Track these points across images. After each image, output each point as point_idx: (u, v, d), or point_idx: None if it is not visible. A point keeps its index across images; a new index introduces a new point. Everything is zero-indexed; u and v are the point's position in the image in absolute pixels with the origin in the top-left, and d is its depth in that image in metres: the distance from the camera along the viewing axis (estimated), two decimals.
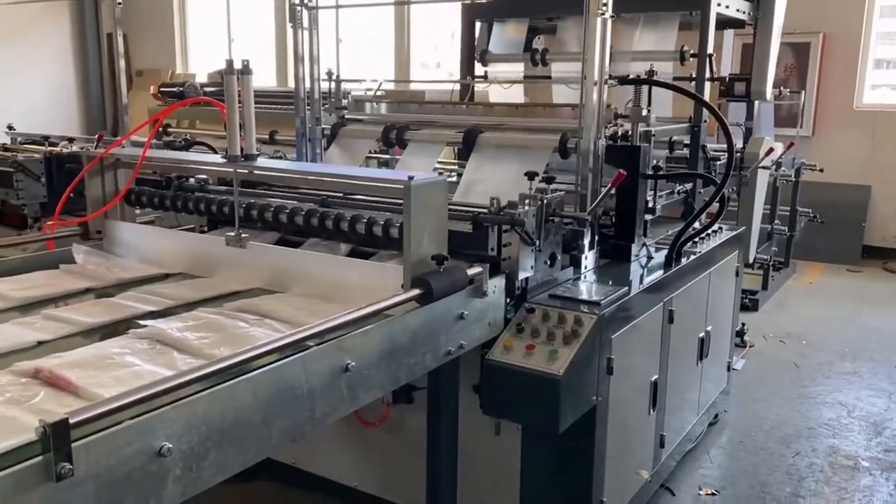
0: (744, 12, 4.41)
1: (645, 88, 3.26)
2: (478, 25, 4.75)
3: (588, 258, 3.03)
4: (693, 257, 3.42)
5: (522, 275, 2.59)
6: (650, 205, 3.30)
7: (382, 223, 2.55)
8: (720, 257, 3.80)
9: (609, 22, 2.90)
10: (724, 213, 3.46)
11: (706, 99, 3.89)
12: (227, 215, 2.89)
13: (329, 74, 4.07)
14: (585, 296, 2.73)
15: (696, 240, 3.54)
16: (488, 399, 2.56)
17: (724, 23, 4.45)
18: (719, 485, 3.66)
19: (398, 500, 3.13)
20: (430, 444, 2.75)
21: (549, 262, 2.74)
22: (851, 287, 7.36)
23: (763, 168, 4.97)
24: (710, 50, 3.93)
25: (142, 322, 2.15)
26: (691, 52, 3.98)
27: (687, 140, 3.90)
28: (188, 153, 4.43)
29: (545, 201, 2.60)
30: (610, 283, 2.84)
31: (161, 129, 5.32)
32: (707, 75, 3.94)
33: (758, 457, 3.93)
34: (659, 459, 3.36)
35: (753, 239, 5.48)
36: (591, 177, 2.98)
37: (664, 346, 3.20)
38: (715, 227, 3.76)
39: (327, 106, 4.04)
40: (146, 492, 1.46)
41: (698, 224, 3.46)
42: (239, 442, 1.65)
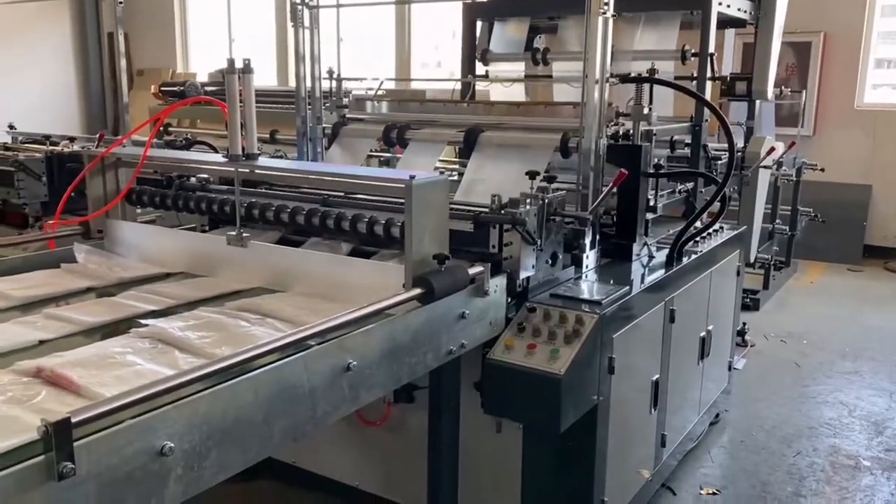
0: (745, 11, 4.41)
1: (646, 87, 3.26)
2: (479, 25, 4.75)
3: (589, 257, 3.03)
4: (694, 257, 3.41)
5: (524, 274, 2.59)
6: (651, 203, 3.30)
7: (384, 222, 2.55)
8: (721, 257, 3.80)
9: (610, 21, 2.90)
10: (726, 213, 3.46)
11: (707, 98, 3.89)
12: (229, 214, 2.90)
13: (330, 73, 4.07)
14: (587, 295, 2.73)
15: (698, 239, 3.54)
16: (489, 398, 2.56)
17: (726, 22, 4.45)
18: (720, 484, 3.66)
19: (399, 500, 3.13)
20: (432, 444, 2.74)
21: (551, 262, 2.74)
22: (852, 286, 7.36)
23: (764, 167, 4.97)
24: (712, 49, 3.93)
25: (143, 321, 2.15)
26: (692, 52, 3.98)
27: (688, 139, 3.91)
28: (189, 152, 4.43)
29: (546, 200, 2.60)
30: (611, 283, 2.84)
31: (162, 129, 5.32)
32: (708, 74, 3.94)
33: (759, 456, 3.93)
34: (660, 459, 3.36)
35: (754, 238, 5.48)
36: (593, 176, 2.98)
37: (665, 346, 3.20)
38: (716, 227, 3.76)
39: (328, 105, 4.04)
40: (148, 491, 1.46)
41: (699, 223, 3.46)
42: (240, 441, 1.65)
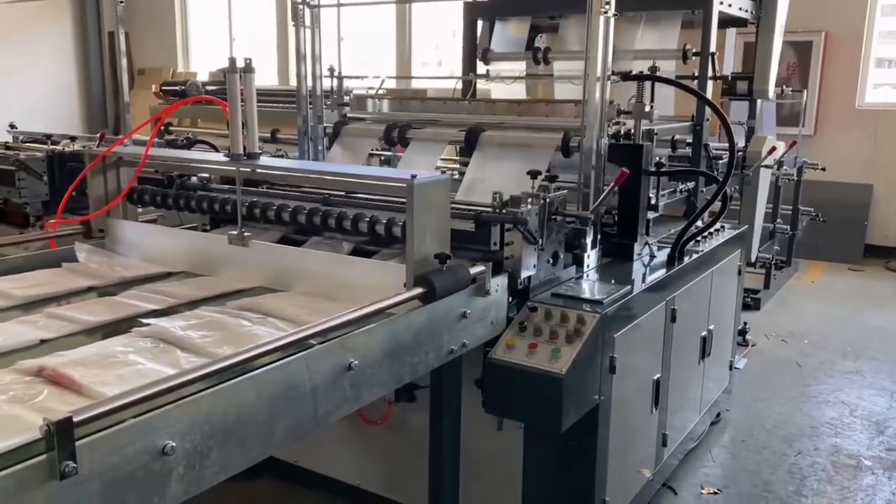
0: (746, 11, 4.41)
1: (648, 85, 3.26)
2: (480, 24, 4.75)
3: (590, 257, 3.03)
4: (695, 256, 3.41)
5: (525, 273, 2.59)
6: (653, 201, 3.30)
7: (385, 222, 2.55)
8: (722, 256, 3.79)
9: (612, 20, 2.89)
10: (727, 212, 3.46)
11: (708, 97, 3.88)
12: (230, 214, 2.90)
13: (331, 71, 4.06)
14: (588, 294, 2.72)
15: (699, 238, 3.54)
16: (491, 398, 2.56)
17: (727, 21, 4.45)
18: (721, 484, 3.66)
19: (400, 499, 3.13)
20: (433, 443, 2.74)
21: (552, 261, 2.73)
22: (853, 286, 7.35)
23: (765, 167, 4.97)
24: (713, 48, 3.93)
25: (145, 321, 2.15)
26: (694, 51, 3.97)
27: (689, 139, 3.90)
28: (190, 152, 4.43)
29: (548, 200, 2.60)
30: (612, 282, 2.84)
31: (163, 128, 5.32)
32: (709, 74, 3.94)
33: (760, 456, 3.93)
34: (661, 458, 3.36)
35: (756, 238, 5.48)
36: (594, 175, 2.98)
37: (666, 345, 3.20)
38: (717, 226, 3.75)
39: (329, 103, 4.04)
40: (150, 490, 1.46)
41: (700, 223, 3.46)
42: (242, 440, 1.65)
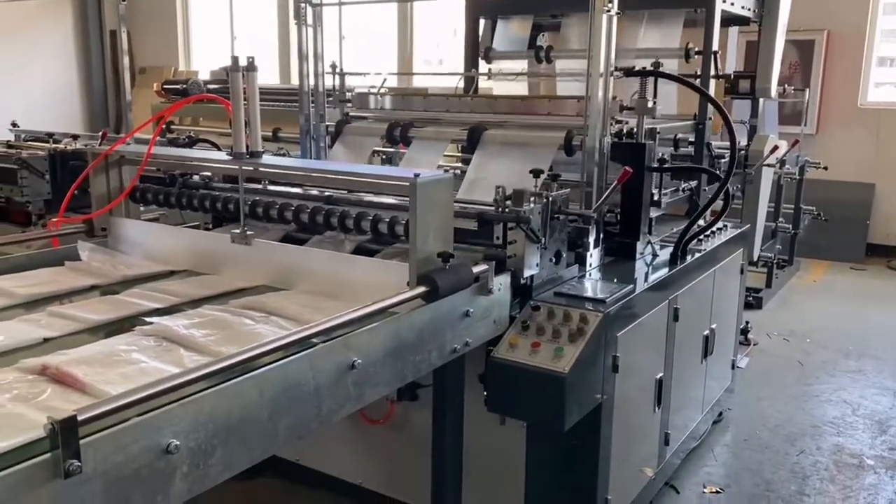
0: (749, 9, 4.41)
1: (651, 81, 3.25)
2: (482, 23, 4.75)
3: (593, 256, 3.03)
4: (698, 255, 3.41)
5: (528, 272, 2.59)
6: (655, 198, 3.29)
7: (388, 220, 2.55)
8: (725, 255, 3.79)
9: (615, 19, 2.89)
10: (729, 211, 3.46)
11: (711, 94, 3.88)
12: (232, 212, 2.90)
13: (333, 67, 4.05)
14: (591, 293, 2.72)
15: (701, 237, 3.54)
16: (493, 397, 2.56)
17: (729, 20, 4.44)
18: (724, 483, 3.66)
19: (403, 498, 3.13)
20: (435, 442, 2.74)
21: (555, 260, 2.73)
22: (855, 285, 7.35)
23: (767, 166, 4.97)
24: (716, 47, 3.92)
25: (147, 319, 2.15)
26: (696, 50, 3.96)
27: (691, 137, 3.90)
28: (193, 150, 4.43)
29: (551, 199, 2.60)
30: (615, 281, 2.84)
31: (164, 127, 5.32)
32: (712, 73, 3.94)
33: (762, 455, 3.93)
34: (663, 457, 3.36)
35: (758, 237, 5.49)
36: (597, 174, 2.97)
37: (669, 344, 3.20)
38: (719, 225, 3.75)
39: (331, 99, 4.03)
40: (154, 489, 1.46)
41: (703, 221, 3.45)
42: (245, 439, 1.65)
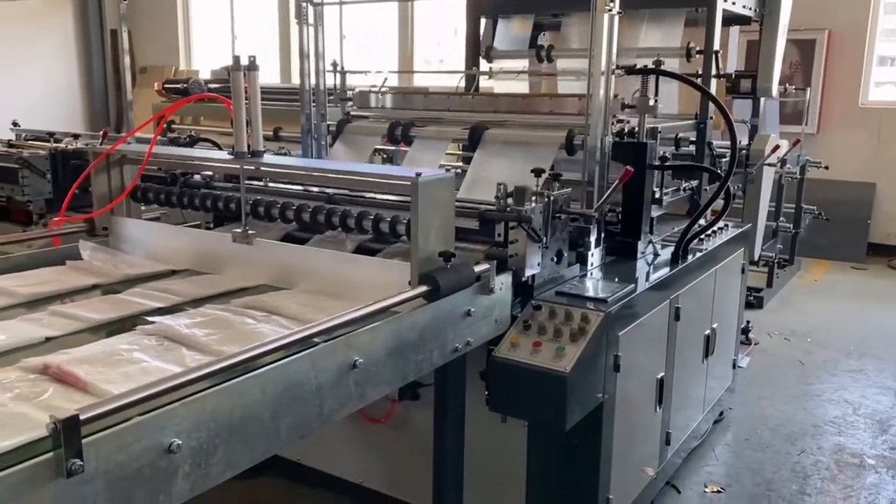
0: (750, 9, 4.40)
1: (652, 79, 3.25)
2: (483, 22, 4.75)
3: (594, 255, 3.03)
4: (699, 254, 3.41)
5: (529, 272, 2.58)
6: (657, 196, 3.29)
7: (389, 220, 2.55)
8: (726, 254, 3.79)
9: (616, 18, 2.89)
10: (730, 211, 3.46)
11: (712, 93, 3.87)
12: (234, 212, 2.90)
13: (334, 65, 4.05)
14: (592, 293, 2.72)
15: (702, 237, 3.54)
16: (495, 396, 2.55)
17: (730, 19, 4.43)
18: (725, 482, 3.66)
19: (404, 497, 3.13)
20: (437, 441, 2.74)
21: (556, 259, 2.73)
22: (856, 284, 7.35)
23: (768, 165, 4.97)
24: (717, 46, 3.92)
25: (149, 318, 2.15)
26: (697, 49, 3.96)
27: (693, 137, 3.90)
28: (194, 149, 4.43)
29: (552, 198, 2.60)
30: (616, 281, 2.84)
31: (165, 126, 5.32)
32: (713, 72, 3.93)
33: (763, 454, 3.93)
34: (665, 457, 3.35)
35: (759, 236, 5.48)
36: (598, 173, 2.97)
37: (670, 344, 3.20)
38: (721, 224, 3.75)
39: (332, 97, 4.03)
40: (156, 488, 1.46)
41: (704, 221, 3.45)
42: (247, 439, 1.65)
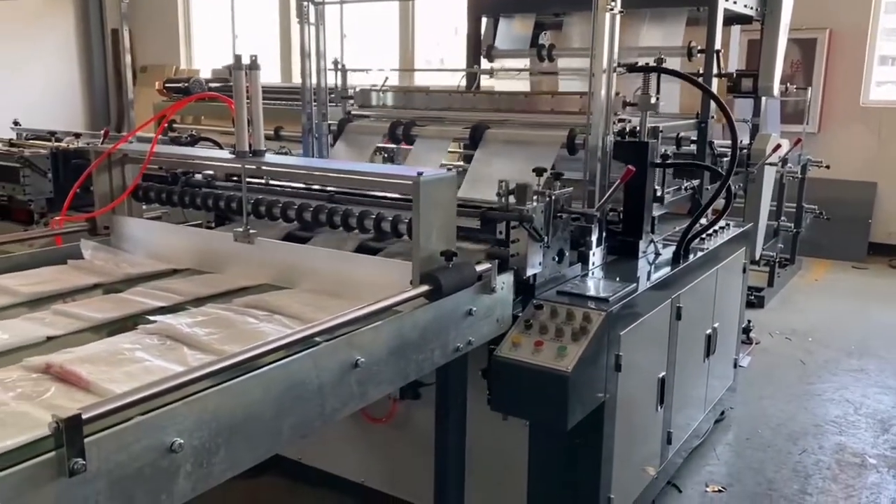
0: (751, 8, 4.40)
1: (654, 77, 3.24)
2: (484, 21, 4.75)
3: (596, 255, 3.03)
4: (700, 254, 3.41)
5: (531, 271, 2.58)
6: (658, 194, 3.29)
7: (391, 219, 2.54)
8: (727, 254, 3.79)
9: (618, 17, 2.89)
10: (731, 210, 3.46)
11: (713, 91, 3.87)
12: (235, 211, 2.90)
13: (335, 63, 4.05)
14: (593, 292, 2.72)
15: (704, 236, 3.53)
16: (496, 395, 2.55)
17: (732, 18, 4.44)
18: (726, 482, 3.66)
19: (405, 496, 3.13)
20: (438, 440, 2.74)
21: (557, 259, 2.73)
22: (857, 284, 7.34)
23: (770, 164, 4.97)
24: (718, 46, 3.92)
25: (151, 318, 2.15)
26: (699, 48, 3.96)
27: (694, 136, 3.90)
28: (195, 149, 4.43)
29: (553, 197, 2.59)
30: (618, 280, 2.84)
31: (166, 125, 5.31)
32: (714, 71, 3.93)
33: (764, 454, 3.93)
34: (666, 456, 3.35)
35: (760, 235, 5.48)
36: (600, 173, 2.97)
37: (672, 343, 3.20)
38: (722, 224, 3.75)
39: (333, 96, 4.03)
40: (158, 487, 1.45)
41: (705, 220, 3.45)
42: (249, 438, 1.65)
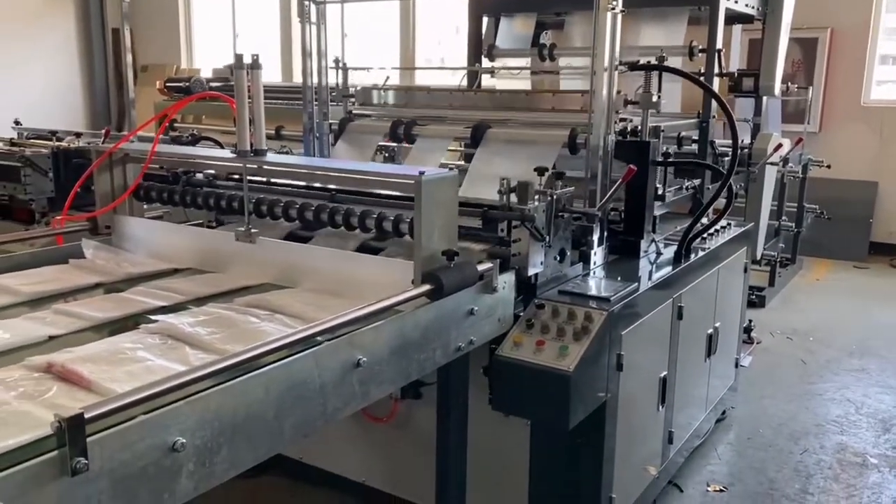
0: (752, 7, 4.40)
1: (655, 75, 3.24)
2: (485, 20, 4.75)
3: (597, 254, 3.02)
4: (702, 253, 3.41)
5: (532, 270, 2.58)
6: (660, 192, 3.29)
7: (392, 218, 2.54)
8: (729, 253, 3.79)
9: (619, 17, 2.88)
10: (732, 209, 3.45)
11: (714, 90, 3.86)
12: (236, 210, 2.90)
13: (336, 62, 4.05)
14: (595, 292, 2.72)
15: (705, 236, 3.53)
16: (498, 395, 2.56)
17: (733, 18, 4.44)
18: (727, 481, 3.66)
19: (407, 496, 3.13)
20: (439, 440, 2.74)
21: (559, 258, 2.73)
22: (858, 284, 7.34)
23: (771, 164, 4.96)
24: (719, 45, 3.92)
25: (152, 317, 2.15)
26: (700, 48, 3.96)
27: (695, 136, 3.89)
28: (197, 148, 4.42)
29: (555, 197, 2.59)
30: (619, 280, 2.84)
31: (168, 125, 5.31)
32: (716, 70, 3.93)
33: (766, 453, 3.92)
34: (667, 456, 3.35)
35: (761, 235, 5.47)
36: (601, 172, 2.97)
37: (673, 343, 3.20)
38: (723, 223, 3.75)
39: (335, 94, 4.03)
40: (160, 486, 1.46)
41: (706, 219, 3.45)
42: (251, 437, 1.65)
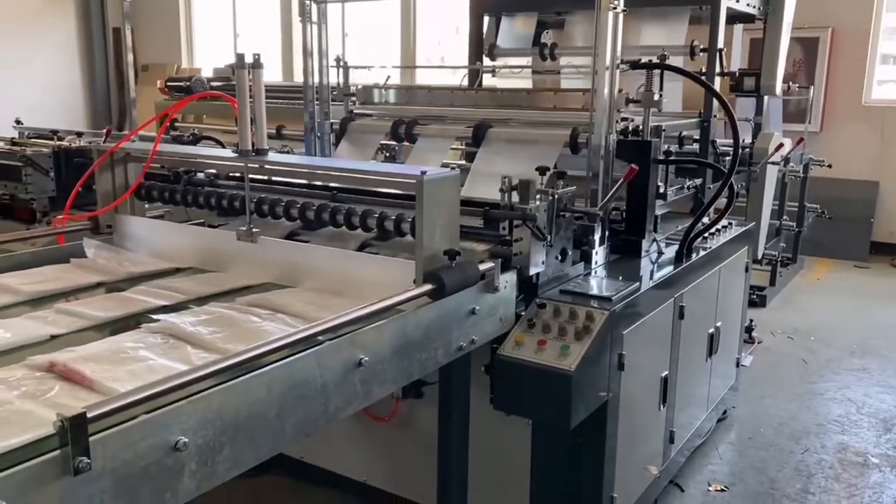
0: (754, 7, 4.40)
1: (656, 74, 3.24)
2: (486, 20, 4.74)
3: (599, 254, 3.02)
4: (703, 253, 3.41)
5: (534, 270, 2.58)
6: (661, 190, 3.29)
7: (394, 218, 2.54)
8: (730, 253, 3.79)
9: (620, 16, 2.88)
10: (733, 209, 3.45)
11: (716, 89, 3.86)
12: (238, 210, 2.90)
13: (337, 61, 4.05)
14: (596, 291, 2.72)
15: (706, 235, 3.53)
16: (499, 395, 2.55)
17: (734, 17, 4.43)
18: (728, 481, 3.66)
19: (408, 495, 3.13)
20: (441, 439, 2.74)
21: (560, 258, 2.73)
22: (859, 283, 7.34)
23: (772, 163, 4.96)
24: (721, 45, 3.92)
25: (154, 316, 2.15)
26: (701, 47, 3.95)
27: (696, 135, 3.89)
28: (198, 148, 4.43)
29: (556, 196, 2.59)
30: (621, 279, 2.84)
31: (169, 124, 5.31)
32: (717, 70, 3.93)
33: (767, 453, 3.92)
34: (668, 455, 3.35)
35: (762, 235, 5.47)
36: (602, 171, 2.97)
37: (674, 342, 3.20)
38: (725, 223, 3.75)
39: (336, 93, 4.03)
40: (162, 486, 1.45)
41: (707, 219, 3.45)
42: (253, 437, 1.65)
